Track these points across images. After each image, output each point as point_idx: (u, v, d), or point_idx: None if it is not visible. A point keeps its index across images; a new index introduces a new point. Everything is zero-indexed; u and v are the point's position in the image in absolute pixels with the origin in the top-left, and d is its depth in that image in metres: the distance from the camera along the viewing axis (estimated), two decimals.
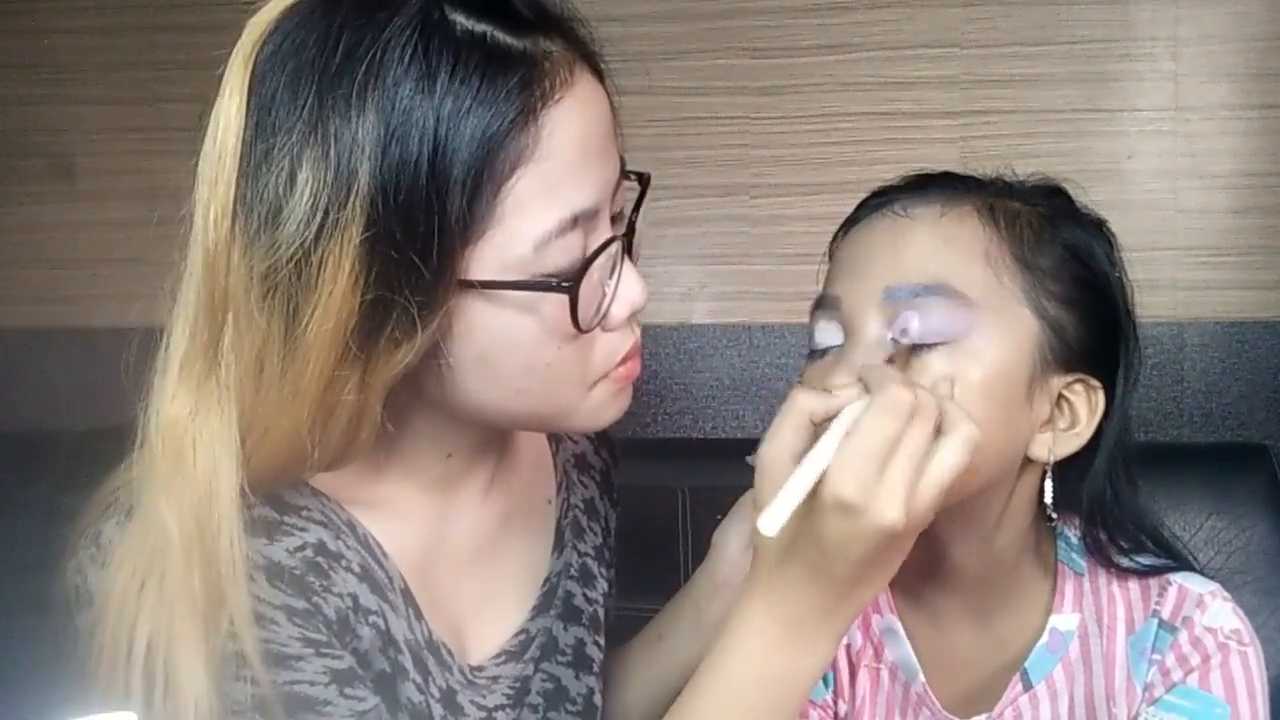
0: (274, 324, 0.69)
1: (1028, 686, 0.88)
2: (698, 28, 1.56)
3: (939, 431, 0.71)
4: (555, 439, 0.97)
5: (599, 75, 0.76)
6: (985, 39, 1.50)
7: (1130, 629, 0.89)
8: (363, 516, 0.80)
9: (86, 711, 0.67)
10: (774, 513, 0.68)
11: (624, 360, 0.79)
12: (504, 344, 0.73)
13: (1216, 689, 0.84)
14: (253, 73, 0.69)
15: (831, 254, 0.90)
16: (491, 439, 0.86)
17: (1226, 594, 0.88)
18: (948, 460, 0.70)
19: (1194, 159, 1.49)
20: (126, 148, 1.69)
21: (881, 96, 1.53)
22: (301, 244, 0.67)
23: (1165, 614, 0.87)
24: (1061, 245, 0.86)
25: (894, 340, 0.82)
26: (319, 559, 0.76)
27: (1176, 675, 0.85)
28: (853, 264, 0.86)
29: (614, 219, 0.78)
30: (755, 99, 1.56)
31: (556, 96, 0.70)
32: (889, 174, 0.92)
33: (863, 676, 0.92)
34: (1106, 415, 0.86)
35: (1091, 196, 0.92)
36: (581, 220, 0.72)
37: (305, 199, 0.67)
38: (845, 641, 0.92)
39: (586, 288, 0.73)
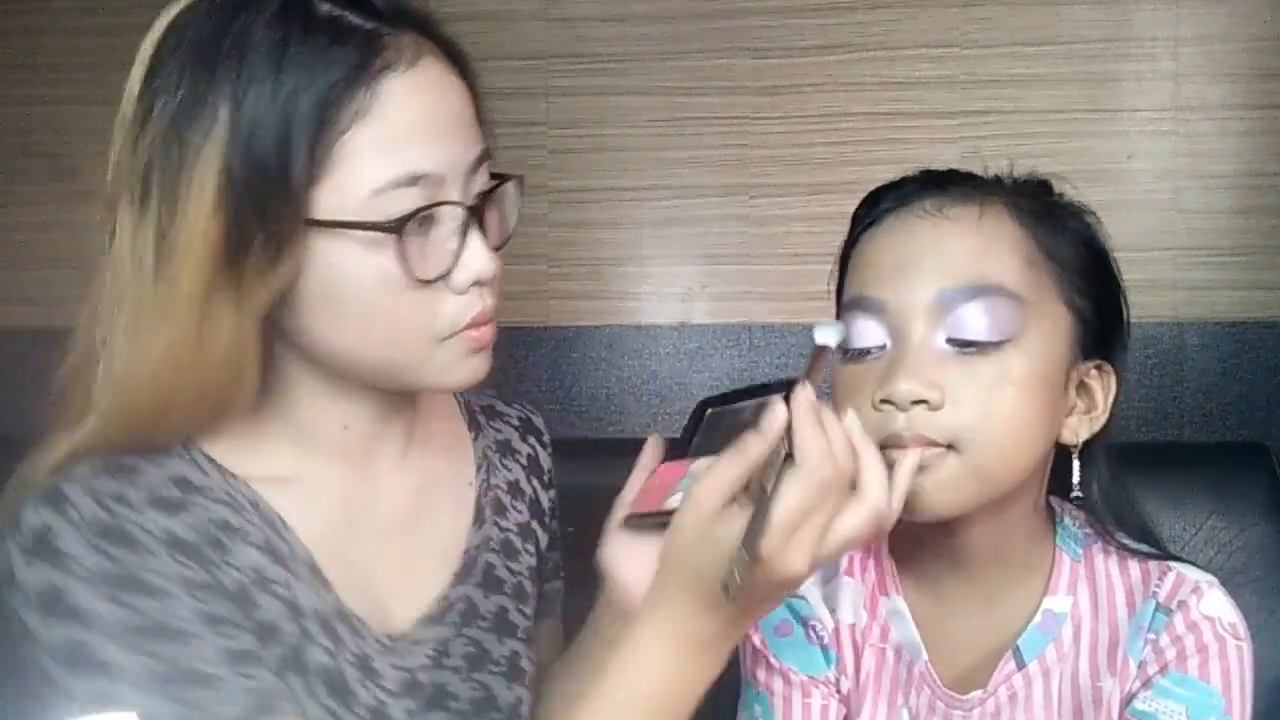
0: (147, 227, 0.83)
1: (1020, 665, 0.90)
2: (698, 28, 1.56)
3: (854, 487, 0.75)
4: (476, 427, 1.02)
5: (462, 73, 0.85)
6: (985, 39, 1.51)
7: (1131, 610, 0.90)
8: (271, 495, 0.86)
9: (86, 711, 0.67)
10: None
11: (473, 324, 0.84)
12: (344, 282, 0.81)
13: (1215, 680, 0.86)
14: (158, 48, 0.83)
15: (853, 255, 0.90)
16: (388, 412, 0.91)
17: (1221, 586, 0.90)
18: (851, 524, 0.75)
19: (1194, 159, 1.49)
20: None
21: (882, 96, 1.53)
22: (167, 157, 0.80)
23: (1162, 597, 0.90)
24: (1075, 236, 0.88)
25: (949, 341, 0.83)
26: (219, 534, 0.82)
27: (1170, 655, 0.87)
28: (897, 266, 0.86)
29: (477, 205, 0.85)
30: (755, 99, 1.56)
31: (398, 69, 0.80)
32: (889, 174, 0.92)
33: (868, 655, 0.93)
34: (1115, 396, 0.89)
35: (1092, 196, 0.93)
36: (423, 183, 0.80)
37: (170, 119, 0.80)
38: (850, 621, 0.94)
39: (423, 244, 0.81)
